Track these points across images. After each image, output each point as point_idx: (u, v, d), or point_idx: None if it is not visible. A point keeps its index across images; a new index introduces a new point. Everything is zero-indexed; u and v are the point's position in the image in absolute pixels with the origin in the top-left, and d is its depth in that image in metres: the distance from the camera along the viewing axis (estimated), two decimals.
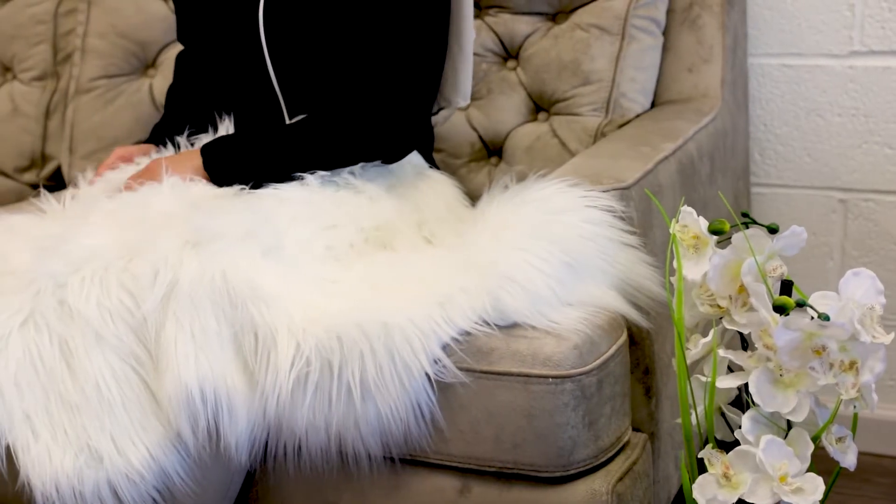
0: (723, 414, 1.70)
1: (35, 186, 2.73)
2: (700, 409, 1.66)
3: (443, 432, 1.66)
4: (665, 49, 2.38)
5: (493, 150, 2.42)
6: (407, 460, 1.71)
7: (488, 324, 1.65)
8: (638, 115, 2.31)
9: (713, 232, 1.65)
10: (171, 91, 2.27)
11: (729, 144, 2.38)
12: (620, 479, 1.68)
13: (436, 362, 1.62)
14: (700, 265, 1.66)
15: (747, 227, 1.63)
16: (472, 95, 2.37)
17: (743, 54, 2.52)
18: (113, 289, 1.63)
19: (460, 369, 1.63)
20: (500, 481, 1.68)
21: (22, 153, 2.72)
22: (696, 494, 1.60)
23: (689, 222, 1.66)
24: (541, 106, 2.39)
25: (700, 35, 2.37)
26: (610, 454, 1.68)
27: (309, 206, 1.82)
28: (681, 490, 2.03)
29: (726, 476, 1.60)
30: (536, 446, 1.62)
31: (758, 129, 2.62)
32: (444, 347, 1.63)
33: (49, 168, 2.72)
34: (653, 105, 2.37)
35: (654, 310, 1.76)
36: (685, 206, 1.66)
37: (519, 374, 1.62)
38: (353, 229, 1.83)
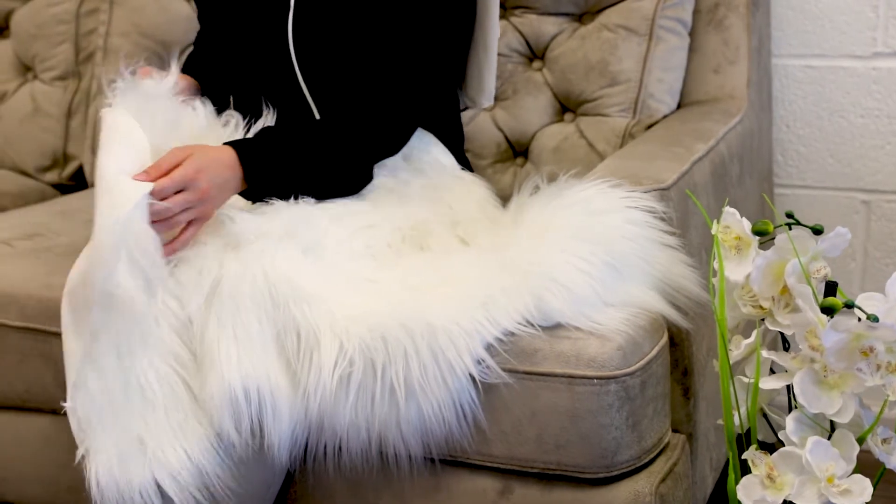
0: (765, 415, 1.70)
1: (56, 186, 2.72)
2: (741, 410, 1.66)
3: (484, 433, 1.66)
4: (691, 50, 2.38)
5: (518, 150, 2.42)
6: (447, 461, 1.71)
7: (531, 324, 1.64)
8: (665, 116, 2.31)
9: (757, 233, 1.65)
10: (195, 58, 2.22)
11: (755, 146, 2.38)
12: (663, 480, 1.67)
13: (479, 363, 1.62)
14: (742, 266, 1.66)
15: (790, 228, 1.63)
16: (497, 96, 2.38)
17: (767, 55, 2.52)
18: (158, 291, 1.62)
19: (504, 370, 1.63)
20: (541, 482, 1.68)
21: (44, 153, 2.71)
22: (740, 495, 1.60)
23: (732, 223, 1.66)
24: (567, 106, 2.38)
25: (726, 36, 2.37)
26: (652, 455, 1.68)
27: (346, 206, 1.82)
28: (715, 491, 2.03)
29: (770, 477, 1.59)
30: (580, 447, 1.62)
31: (780, 130, 2.62)
32: (488, 348, 1.63)
33: (71, 168, 2.71)
34: (679, 106, 2.37)
35: (693, 310, 1.76)
36: (728, 207, 1.66)
37: (563, 375, 1.61)
38: (389, 229, 1.82)
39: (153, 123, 1.75)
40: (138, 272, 1.59)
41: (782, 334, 1.69)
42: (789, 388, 1.66)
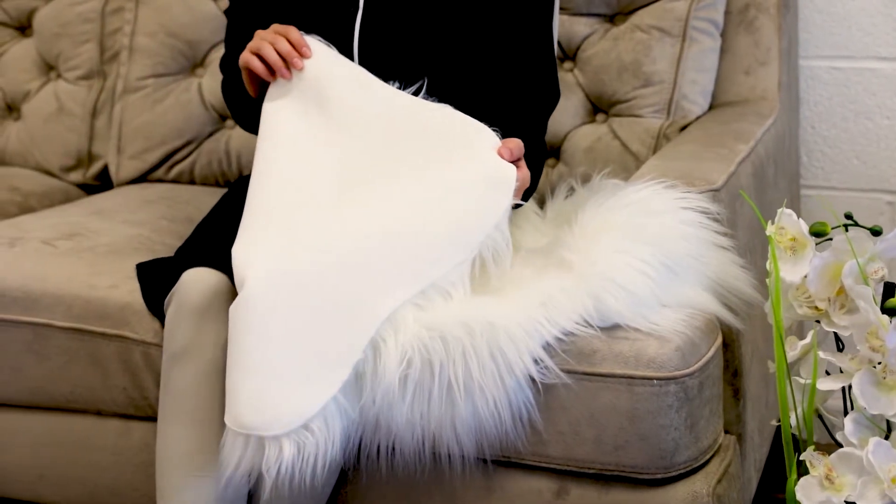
0: (819, 416, 1.70)
1: (81, 186, 2.71)
2: (792, 411, 1.67)
3: (540, 433, 1.65)
4: (721, 51, 2.38)
5: (550, 151, 2.41)
6: (501, 462, 1.70)
7: (589, 325, 1.64)
8: (698, 118, 2.31)
9: (815, 234, 1.65)
10: None
11: (786, 147, 2.38)
12: (719, 480, 1.67)
13: (537, 363, 1.62)
14: (798, 267, 1.66)
15: (847, 230, 1.64)
16: None
17: (794, 56, 2.52)
18: None
19: (562, 370, 1.62)
20: (598, 483, 1.68)
21: (68, 152, 2.70)
22: (799, 496, 1.60)
23: (789, 224, 1.66)
24: (599, 107, 2.38)
25: (757, 37, 2.37)
26: (708, 456, 1.68)
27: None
28: (758, 491, 2.03)
29: (829, 478, 1.59)
30: (639, 448, 1.62)
31: (805, 131, 2.63)
32: (546, 348, 1.63)
33: (95, 167, 2.69)
34: (710, 107, 2.37)
35: (744, 311, 1.76)
36: (785, 208, 1.66)
37: (622, 376, 1.61)
38: None
39: None
40: None
41: (836, 335, 1.70)
42: (844, 389, 1.66)
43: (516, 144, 1.73)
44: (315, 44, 1.79)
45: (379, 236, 1.63)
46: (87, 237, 2.09)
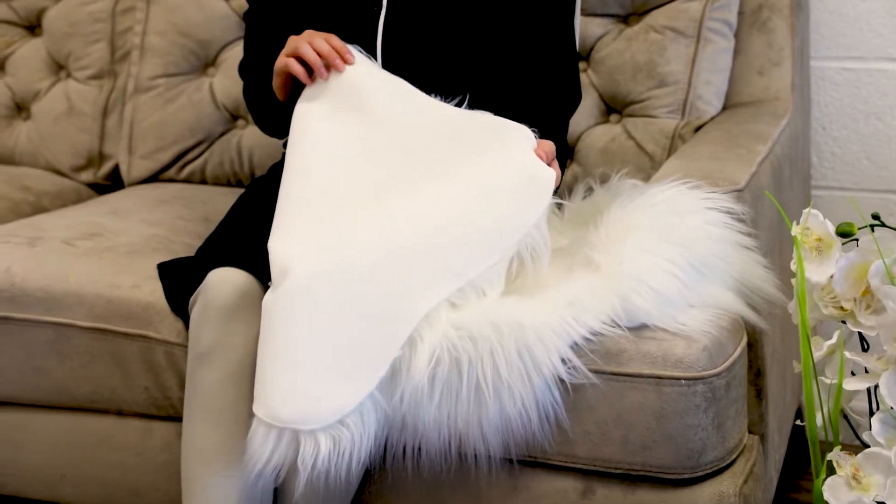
0: (845, 416, 1.70)
1: (91, 185, 2.71)
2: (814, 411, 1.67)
3: (567, 433, 1.65)
4: (734, 52, 2.39)
5: None
6: (526, 461, 1.70)
7: (617, 325, 1.64)
8: (712, 118, 2.31)
9: (841, 234, 1.66)
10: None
11: (799, 148, 2.39)
12: (745, 480, 1.68)
13: (565, 362, 1.62)
14: (823, 267, 1.66)
15: (873, 230, 1.64)
16: None
17: (806, 57, 2.52)
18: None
19: (589, 370, 1.62)
20: (623, 483, 1.68)
21: (79, 152, 2.69)
22: (827, 496, 1.61)
23: (815, 225, 1.66)
24: (613, 108, 2.38)
25: (770, 38, 2.38)
26: (734, 456, 1.68)
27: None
28: (778, 491, 2.04)
29: (856, 478, 1.60)
30: (666, 448, 1.62)
31: (816, 132, 2.63)
32: (573, 348, 1.63)
33: (106, 167, 2.69)
34: (723, 108, 2.37)
35: (767, 312, 1.76)
36: (811, 209, 1.67)
37: (650, 376, 1.61)
38: None
39: None
40: None
41: (861, 335, 1.70)
42: (869, 389, 1.66)
43: (550, 146, 1.74)
44: (353, 51, 1.79)
45: (419, 235, 1.63)
46: (107, 237, 2.08)
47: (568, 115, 1.97)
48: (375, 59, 1.90)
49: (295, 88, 1.82)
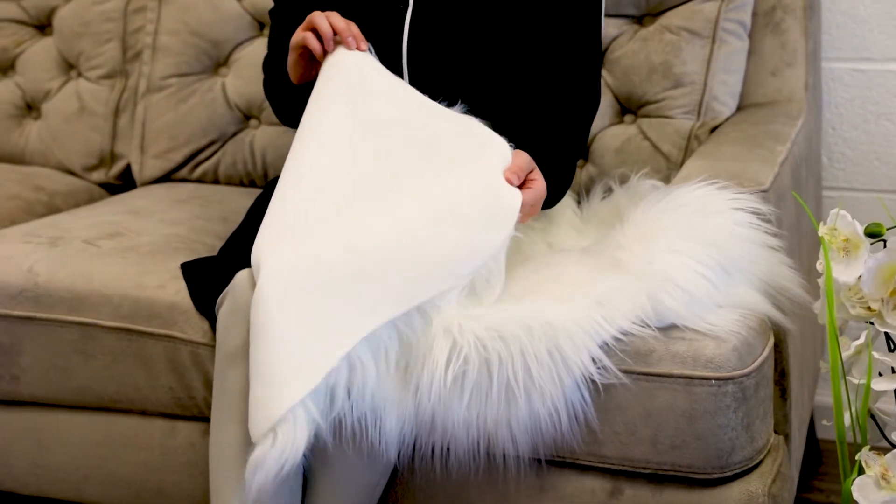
0: (872, 416, 1.71)
1: (103, 185, 2.70)
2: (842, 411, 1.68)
3: (595, 433, 1.66)
4: (748, 52, 2.39)
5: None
6: (554, 461, 1.71)
7: (646, 325, 1.65)
8: (727, 119, 2.32)
9: (869, 235, 1.66)
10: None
11: (813, 149, 2.40)
12: (773, 480, 1.68)
13: (595, 362, 1.62)
14: (850, 268, 1.67)
15: None
16: None
17: (818, 59, 2.53)
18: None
19: (619, 370, 1.63)
20: (652, 483, 1.68)
21: (90, 152, 2.69)
22: (856, 496, 1.61)
23: (843, 226, 1.67)
24: (627, 108, 2.39)
25: (783, 39, 2.38)
26: (762, 456, 1.69)
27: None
28: (798, 492, 2.04)
29: (885, 478, 1.61)
30: (696, 448, 1.62)
31: (826, 133, 2.64)
32: (603, 348, 1.63)
33: (118, 167, 2.69)
34: (737, 108, 2.38)
35: (793, 312, 1.77)
36: (840, 209, 1.67)
37: (680, 376, 1.62)
38: None
39: None
40: None
41: (887, 335, 1.71)
42: None
43: (523, 163, 1.71)
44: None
45: (371, 255, 1.61)
46: (128, 237, 2.08)
47: (585, 118, 1.96)
48: (401, 58, 1.91)
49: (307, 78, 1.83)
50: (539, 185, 1.74)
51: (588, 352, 1.61)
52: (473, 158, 1.71)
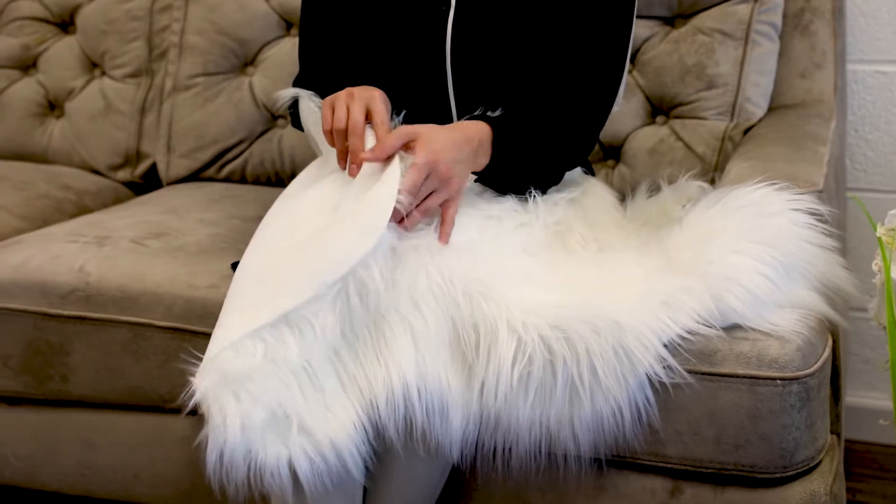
0: None
1: (128, 184, 2.69)
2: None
3: (658, 433, 1.66)
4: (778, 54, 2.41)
5: (609, 152, 2.43)
6: (613, 461, 1.71)
7: (709, 325, 1.65)
8: (760, 120, 2.33)
9: None
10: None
11: (842, 149, 2.42)
12: (834, 479, 1.69)
13: (661, 362, 1.63)
14: None
15: None
16: None
17: (845, 61, 2.55)
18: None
19: (684, 370, 1.63)
20: (712, 483, 1.69)
21: (116, 151, 2.68)
22: None
23: None
24: (659, 108, 2.40)
25: (813, 41, 2.40)
26: (822, 455, 1.70)
27: (500, 204, 1.82)
28: None
29: None
30: (759, 447, 1.63)
31: (849, 134, 2.66)
32: (668, 347, 1.64)
33: (143, 166, 2.68)
34: (768, 110, 2.39)
35: (847, 312, 1.78)
36: None
37: (745, 376, 1.63)
38: (539, 227, 1.82)
39: None
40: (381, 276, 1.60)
41: None
42: None
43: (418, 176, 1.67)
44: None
45: (248, 272, 1.67)
46: (174, 236, 2.08)
47: (592, 123, 1.95)
48: (444, 59, 1.91)
49: None
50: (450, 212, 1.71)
51: (655, 352, 1.62)
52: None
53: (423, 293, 1.61)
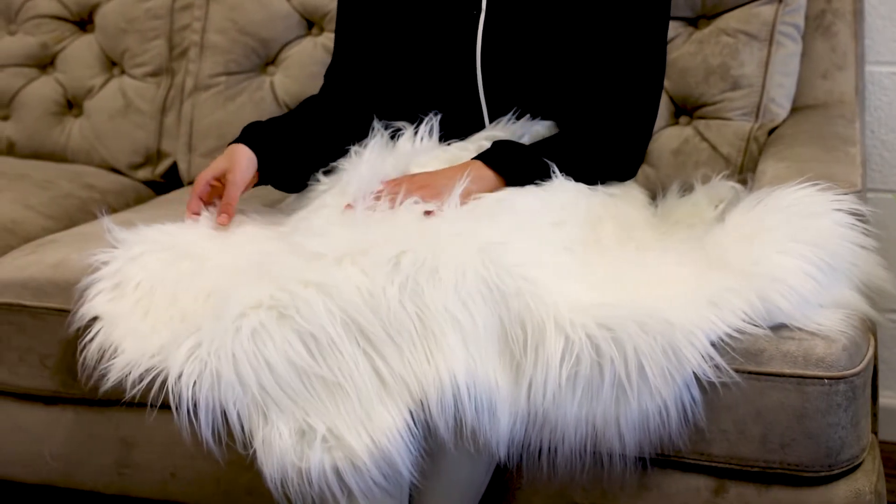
0: None
1: (148, 184, 2.69)
2: None
3: (703, 432, 1.67)
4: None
5: None
6: (657, 460, 1.72)
7: (757, 324, 1.66)
8: (784, 121, 2.34)
9: None
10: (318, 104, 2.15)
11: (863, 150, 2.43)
12: (877, 478, 1.71)
13: (707, 361, 1.63)
14: None
15: None
16: None
17: (864, 62, 2.56)
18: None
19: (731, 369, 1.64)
20: (757, 481, 1.70)
21: (136, 150, 2.68)
22: None
23: None
24: (682, 109, 2.41)
25: (834, 42, 2.41)
26: (865, 454, 1.71)
27: (538, 197, 1.83)
28: None
29: None
30: (806, 446, 1.64)
31: (865, 135, 2.67)
32: (715, 346, 1.64)
33: (164, 165, 2.68)
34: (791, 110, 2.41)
35: (884, 312, 1.80)
36: None
37: (792, 376, 1.64)
38: (576, 224, 1.83)
39: None
40: None
41: None
42: None
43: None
44: None
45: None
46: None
47: (631, 132, 2.00)
48: (475, 64, 1.92)
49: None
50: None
51: (703, 350, 1.63)
52: None
53: (471, 291, 1.62)
